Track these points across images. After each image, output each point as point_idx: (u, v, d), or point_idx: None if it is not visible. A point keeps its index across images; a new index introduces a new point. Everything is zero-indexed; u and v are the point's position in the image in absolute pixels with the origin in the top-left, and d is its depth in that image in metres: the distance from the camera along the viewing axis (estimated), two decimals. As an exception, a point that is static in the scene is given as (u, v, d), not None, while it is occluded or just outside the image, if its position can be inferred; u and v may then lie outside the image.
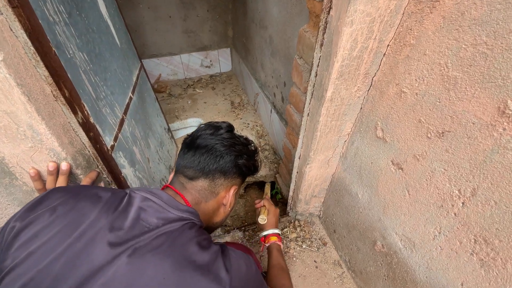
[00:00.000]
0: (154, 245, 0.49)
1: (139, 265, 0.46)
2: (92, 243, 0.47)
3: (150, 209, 0.54)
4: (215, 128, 0.69)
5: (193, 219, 0.58)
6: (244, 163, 0.69)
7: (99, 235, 0.48)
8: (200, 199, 0.64)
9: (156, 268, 0.46)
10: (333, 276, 1.20)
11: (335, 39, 0.69)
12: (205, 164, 0.64)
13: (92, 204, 0.52)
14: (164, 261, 0.47)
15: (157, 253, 0.47)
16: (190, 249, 0.51)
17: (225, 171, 0.66)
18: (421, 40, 0.63)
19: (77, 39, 0.80)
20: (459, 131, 0.59)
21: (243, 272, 0.55)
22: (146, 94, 1.39)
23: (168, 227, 0.52)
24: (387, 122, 0.79)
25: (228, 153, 0.66)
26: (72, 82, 0.70)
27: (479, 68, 0.53)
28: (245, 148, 0.71)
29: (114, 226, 0.50)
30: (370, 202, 0.94)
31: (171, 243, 0.50)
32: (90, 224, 0.49)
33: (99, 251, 0.46)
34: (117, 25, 1.15)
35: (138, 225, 0.51)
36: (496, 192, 0.55)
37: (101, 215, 0.50)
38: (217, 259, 0.52)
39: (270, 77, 1.79)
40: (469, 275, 0.64)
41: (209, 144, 0.65)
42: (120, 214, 0.52)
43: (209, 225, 0.70)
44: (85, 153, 0.74)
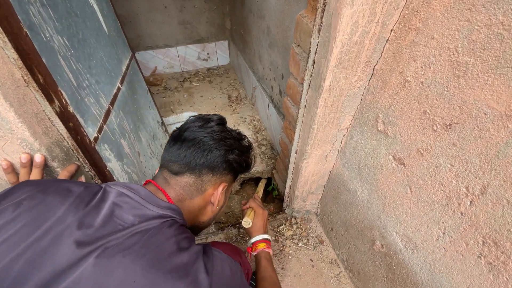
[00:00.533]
0: (126, 245, 0.44)
1: (107, 267, 0.41)
2: (57, 241, 0.42)
3: (125, 205, 0.49)
4: (205, 120, 0.64)
5: (175, 216, 0.53)
6: (235, 158, 0.63)
7: (66, 232, 0.43)
8: (184, 195, 0.59)
9: (126, 271, 0.41)
10: (329, 276, 1.15)
11: (334, 22, 0.63)
12: (192, 158, 0.58)
13: (61, 199, 0.47)
14: (135, 263, 0.42)
15: (128, 253, 0.43)
16: (167, 249, 0.46)
17: (213, 166, 0.60)
18: (428, 23, 0.57)
19: (56, 22, 0.74)
20: (468, 123, 0.54)
21: (226, 276, 0.50)
22: (137, 85, 1.34)
23: (144, 225, 0.48)
24: (389, 114, 0.73)
25: (217, 147, 0.61)
26: (47, 67, 0.64)
27: (493, 51, 0.47)
28: (237, 142, 0.66)
29: (84, 223, 0.45)
30: (370, 199, 0.89)
31: (145, 243, 0.45)
32: (57, 220, 0.44)
33: (64, 251, 0.42)
34: (105, 11, 1.08)
35: (111, 223, 0.46)
36: (509, 190, 0.50)
37: (70, 211, 0.46)
38: (197, 260, 0.48)
39: (268, 69, 1.73)
40: (476, 280, 0.60)
41: (197, 137, 0.60)
42: (92, 210, 0.47)
43: (195, 224, 0.65)
44: (63, 145, 0.68)
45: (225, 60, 2.81)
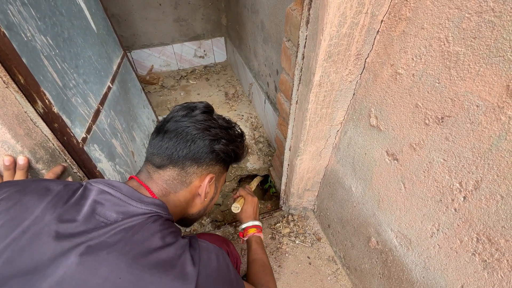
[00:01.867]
0: (110, 242, 0.43)
1: (91, 265, 0.40)
2: (36, 240, 0.41)
3: (107, 202, 0.48)
4: (189, 109, 0.60)
5: (159, 211, 0.51)
6: (221, 148, 0.59)
7: (44, 231, 0.42)
8: (168, 190, 0.57)
9: (110, 268, 0.40)
10: (327, 273, 1.14)
11: (321, 14, 0.61)
12: (174, 150, 0.56)
13: (39, 197, 0.46)
14: (120, 260, 0.41)
15: (112, 250, 0.42)
16: (152, 244, 0.45)
17: (197, 158, 0.57)
18: (418, 12, 0.55)
19: (38, 21, 0.72)
20: (460, 116, 0.52)
21: (213, 267, 0.49)
22: (130, 84, 1.32)
23: (128, 222, 0.46)
24: (381, 108, 0.71)
25: (201, 137, 0.57)
26: (28, 68, 0.63)
27: (484, 40, 0.45)
28: (224, 131, 0.61)
29: (63, 219, 0.44)
30: (364, 196, 0.87)
31: (130, 240, 0.44)
32: (35, 219, 0.43)
33: (44, 248, 0.41)
34: (93, 9, 1.06)
35: (92, 220, 0.45)
36: (502, 185, 0.48)
37: (48, 209, 0.45)
38: (184, 253, 0.47)
39: (263, 65, 1.71)
40: (470, 277, 0.58)
41: (179, 127, 0.57)
42: (71, 207, 0.46)
43: (185, 217, 0.64)
44: (48, 146, 0.67)
45: (222, 57, 2.79)
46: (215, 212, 1.53)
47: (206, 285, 0.46)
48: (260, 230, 0.93)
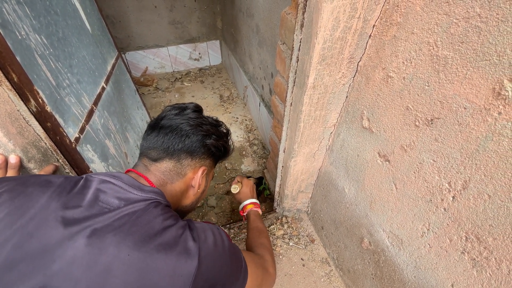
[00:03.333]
0: (115, 225, 0.45)
1: (99, 246, 0.42)
2: (43, 225, 0.43)
3: (109, 190, 0.50)
4: (181, 108, 0.66)
5: (158, 198, 0.54)
6: (212, 143, 0.65)
7: (50, 217, 0.44)
8: (165, 180, 0.60)
9: (118, 247, 0.43)
10: (320, 275, 1.15)
11: (315, 18, 0.62)
12: (170, 144, 0.60)
13: (42, 188, 0.48)
14: (127, 239, 0.44)
15: (119, 232, 0.44)
16: (156, 226, 0.48)
17: (191, 151, 0.62)
18: (408, 17, 0.57)
19: (33, 20, 0.72)
20: (449, 118, 0.53)
21: (211, 242, 0.53)
22: (124, 85, 1.32)
23: (130, 208, 0.49)
24: (373, 111, 0.73)
25: (194, 132, 0.62)
26: (22, 66, 0.63)
27: (471, 44, 0.47)
28: (214, 128, 0.68)
29: (68, 206, 0.46)
30: (357, 197, 0.89)
31: (134, 222, 0.47)
32: (40, 207, 0.45)
33: (52, 232, 0.42)
34: (88, 10, 1.06)
35: (96, 206, 0.48)
36: (490, 185, 0.49)
37: (52, 198, 0.46)
38: (184, 232, 0.51)
39: (258, 68, 1.72)
40: (460, 276, 0.59)
41: (173, 124, 0.62)
42: (75, 196, 0.48)
43: (178, 208, 0.66)
44: (40, 145, 0.66)
45: (217, 60, 2.80)
46: (208, 214, 1.53)
47: (208, 258, 0.50)
48: (258, 205, 1.05)
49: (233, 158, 1.82)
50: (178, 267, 0.45)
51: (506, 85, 0.43)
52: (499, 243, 0.50)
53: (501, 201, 0.48)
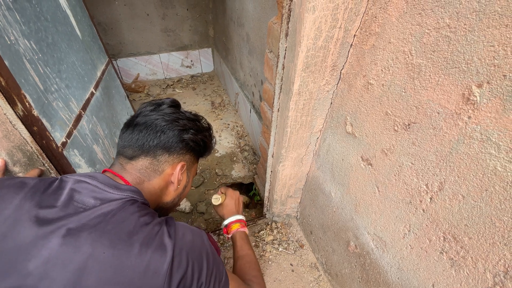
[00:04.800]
0: (90, 224, 0.45)
1: (74, 244, 0.43)
2: (17, 225, 0.43)
3: (84, 190, 0.51)
4: (156, 104, 0.64)
5: (135, 197, 0.54)
6: (190, 137, 0.63)
7: (24, 217, 0.44)
8: (142, 178, 0.59)
9: (93, 245, 0.43)
10: (309, 280, 1.15)
11: (299, 27, 0.65)
12: (145, 141, 0.58)
13: (16, 190, 0.48)
14: (102, 237, 0.44)
15: (94, 230, 0.45)
16: (132, 223, 0.48)
17: (168, 146, 0.60)
18: (385, 28, 0.60)
19: (22, 26, 0.73)
20: (424, 122, 0.56)
21: (188, 240, 0.52)
22: (114, 91, 1.32)
23: (106, 206, 0.49)
24: (355, 116, 0.75)
25: (170, 128, 0.60)
26: (9, 70, 0.63)
27: (442, 53, 0.50)
28: (192, 122, 0.65)
29: (42, 206, 0.46)
30: (343, 200, 0.90)
31: (109, 220, 0.47)
32: (14, 208, 0.45)
33: (26, 232, 0.43)
34: (79, 17, 1.07)
35: (71, 206, 0.48)
36: (463, 186, 0.52)
37: (26, 199, 0.47)
38: (161, 228, 0.51)
39: (249, 75, 1.75)
40: (440, 276, 0.61)
41: (148, 120, 0.60)
42: (49, 196, 0.48)
43: (159, 205, 0.65)
44: (26, 149, 0.66)
45: (209, 68, 2.83)
46: (198, 221, 1.52)
47: (182, 255, 0.49)
48: (244, 224, 0.90)
49: (223, 164, 1.82)
50: (153, 263, 0.45)
51: (474, 91, 0.46)
52: (474, 242, 0.52)
53: (474, 201, 0.50)
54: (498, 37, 0.41)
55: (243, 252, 0.82)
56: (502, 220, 0.47)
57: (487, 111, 0.45)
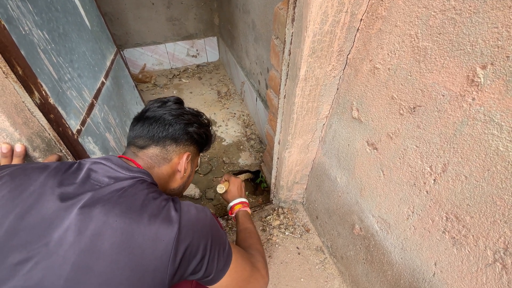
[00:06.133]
0: (104, 198, 0.50)
1: (89, 214, 0.47)
2: (42, 199, 0.48)
3: (100, 170, 0.56)
4: (163, 102, 0.72)
5: (145, 177, 0.59)
6: (195, 130, 0.71)
7: (48, 192, 0.49)
8: (152, 164, 0.65)
9: (107, 215, 0.48)
10: (315, 262, 1.19)
11: (305, 12, 0.66)
12: (155, 132, 0.66)
13: (40, 170, 0.53)
14: (114, 208, 0.49)
15: (107, 203, 0.49)
16: (141, 197, 0.53)
17: (175, 138, 0.68)
18: (392, 11, 0.60)
19: (35, 16, 0.75)
20: (429, 105, 0.57)
21: (193, 214, 0.56)
22: (123, 80, 1.35)
23: (118, 184, 0.54)
24: (362, 101, 0.76)
25: (176, 121, 0.68)
26: (26, 60, 0.66)
27: (448, 35, 0.50)
28: (195, 117, 0.74)
29: (63, 183, 0.51)
30: (348, 185, 0.92)
31: (121, 195, 0.52)
32: (39, 185, 0.50)
33: (49, 205, 0.47)
34: (87, 7, 1.09)
35: (88, 183, 0.53)
36: (466, 166, 0.53)
37: (49, 177, 0.52)
38: (168, 203, 0.55)
39: (255, 63, 1.75)
40: (442, 254, 0.63)
41: (157, 114, 0.68)
42: (69, 175, 0.53)
43: (166, 191, 0.71)
44: (44, 136, 0.70)
45: (214, 56, 2.82)
46: (207, 206, 1.57)
47: (188, 227, 0.53)
48: (247, 205, 1.00)
49: (230, 153, 1.85)
50: (160, 232, 0.49)
51: (478, 73, 0.47)
52: (476, 221, 0.54)
53: (476, 181, 0.52)
54: (502, 18, 0.41)
55: (244, 226, 0.91)
56: (503, 199, 0.48)
57: (491, 92, 0.46)
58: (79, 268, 0.44)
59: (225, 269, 0.59)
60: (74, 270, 0.44)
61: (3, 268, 0.43)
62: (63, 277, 0.43)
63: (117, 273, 0.45)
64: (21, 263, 0.43)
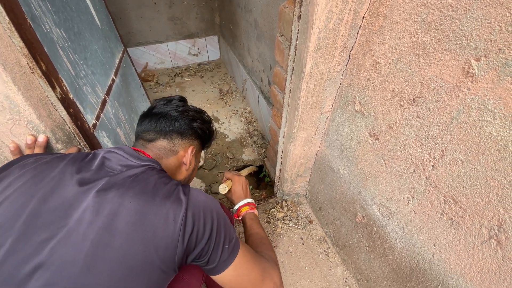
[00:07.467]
0: (118, 183, 0.55)
1: (105, 197, 0.52)
2: (62, 184, 0.53)
3: (113, 158, 0.61)
4: (168, 100, 0.78)
5: (154, 165, 0.64)
6: (198, 126, 0.77)
7: (67, 177, 0.54)
8: (160, 155, 0.70)
9: (121, 197, 0.52)
10: (318, 252, 1.23)
11: (311, 11, 0.70)
12: (162, 127, 0.72)
13: (59, 159, 0.58)
14: (128, 191, 0.53)
15: (121, 186, 0.54)
16: (152, 182, 0.57)
17: (181, 132, 0.73)
18: (393, 9, 0.65)
19: (53, 15, 0.79)
20: (428, 96, 0.61)
21: (201, 200, 0.60)
22: (130, 78, 1.38)
23: (130, 171, 0.58)
24: (364, 94, 0.81)
25: (182, 117, 0.74)
26: (49, 56, 0.69)
27: (445, 31, 0.55)
28: (198, 114, 0.80)
29: (81, 170, 0.56)
30: (351, 175, 0.97)
31: (134, 180, 0.56)
32: (59, 171, 0.55)
33: (69, 189, 0.52)
34: (97, 6, 1.13)
35: (103, 170, 0.58)
36: (462, 152, 0.57)
37: (68, 165, 0.57)
38: (177, 187, 0.59)
39: (257, 61, 1.79)
40: (440, 235, 0.68)
41: (164, 111, 0.74)
42: (86, 163, 0.58)
43: None
44: (65, 129, 0.74)
45: (215, 55, 2.86)
46: (212, 201, 1.61)
47: (194, 209, 0.56)
48: (254, 206, 0.95)
49: (234, 148, 1.89)
50: (171, 212, 0.53)
51: (473, 65, 0.52)
52: (472, 202, 0.59)
53: (472, 164, 0.56)
54: (494, 14, 0.46)
55: (253, 230, 0.86)
56: (496, 180, 0.53)
57: (484, 82, 0.50)
58: (98, 244, 0.48)
59: (229, 261, 0.60)
60: (94, 246, 0.48)
61: (30, 245, 0.47)
62: (83, 252, 0.47)
63: (133, 249, 0.49)
64: (46, 240, 0.47)
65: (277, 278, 0.68)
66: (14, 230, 0.47)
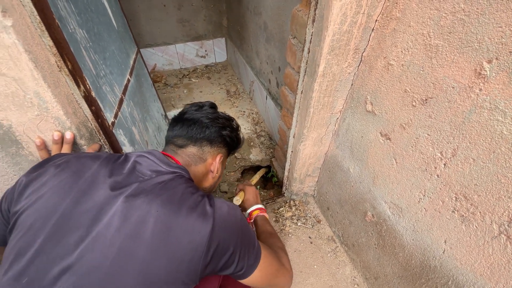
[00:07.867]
0: (147, 189, 0.56)
1: (134, 203, 0.53)
2: (95, 186, 0.54)
3: (144, 163, 0.62)
4: (199, 106, 0.80)
5: (183, 173, 0.65)
6: (228, 134, 0.78)
7: (100, 180, 0.55)
8: (190, 162, 0.71)
9: (149, 204, 0.53)
10: (327, 251, 1.25)
11: (326, 14, 0.72)
12: (193, 134, 0.72)
13: (92, 159, 0.60)
14: (156, 198, 0.54)
15: (150, 193, 0.55)
16: (180, 191, 0.58)
17: (211, 140, 0.74)
18: (406, 13, 0.67)
19: (77, 16, 0.82)
20: (440, 97, 0.63)
21: (225, 211, 0.60)
22: (143, 78, 1.42)
23: (160, 178, 0.59)
24: (376, 95, 0.83)
25: (212, 124, 0.75)
26: (74, 56, 0.73)
27: (457, 34, 0.57)
28: (228, 121, 0.81)
29: (113, 173, 0.57)
30: (361, 175, 0.99)
31: (162, 187, 0.57)
32: (92, 172, 0.56)
33: (101, 192, 0.53)
34: (114, 8, 1.16)
35: (133, 175, 0.59)
36: (474, 150, 0.60)
37: (102, 166, 0.58)
38: (203, 199, 0.60)
39: (265, 63, 1.82)
40: (451, 232, 0.70)
41: (195, 117, 0.75)
42: (118, 166, 0.60)
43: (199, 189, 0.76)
44: (88, 126, 0.76)
45: (222, 57, 2.90)
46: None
47: (221, 222, 0.57)
48: (264, 210, 1.04)
49: (242, 149, 1.92)
50: (197, 225, 0.53)
51: (485, 66, 0.54)
52: (483, 198, 0.60)
53: (483, 163, 0.58)
54: (505, 19, 0.48)
55: (263, 228, 0.94)
56: (507, 177, 0.55)
57: (496, 83, 0.53)
58: (124, 252, 0.49)
59: (256, 264, 0.63)
60: (120, 254, 0.48)
61: (61, 246, 0.48)
62: (110, 258, 0.48)
63: (156, 262, 0.49)
64: (75, 243, 0.48)
65: (288, 265, 0.77)
66: (44, 230, 0.49)
